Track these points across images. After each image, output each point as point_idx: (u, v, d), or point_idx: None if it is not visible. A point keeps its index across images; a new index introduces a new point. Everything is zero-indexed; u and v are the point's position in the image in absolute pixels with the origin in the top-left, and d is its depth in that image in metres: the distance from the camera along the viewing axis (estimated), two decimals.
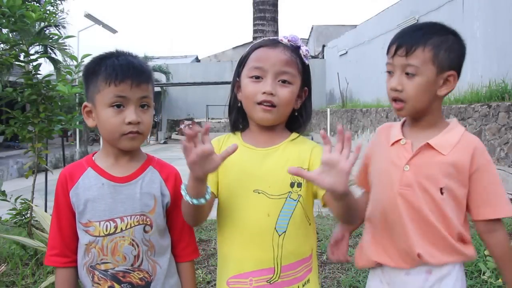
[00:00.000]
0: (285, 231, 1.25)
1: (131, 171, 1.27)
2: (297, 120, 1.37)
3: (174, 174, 1.33)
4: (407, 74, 1.25)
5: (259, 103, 1.25)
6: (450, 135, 1.30)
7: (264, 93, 1.24)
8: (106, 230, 1.21)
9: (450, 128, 1.31)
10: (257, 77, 1.26)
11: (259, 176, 1.25)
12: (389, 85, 1.30)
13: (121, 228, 1.22)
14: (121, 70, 1.18)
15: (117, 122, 1.19)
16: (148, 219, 1.24)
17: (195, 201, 1.13)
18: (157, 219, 1.26)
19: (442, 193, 1.27)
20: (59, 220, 1.26)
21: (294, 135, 1.35)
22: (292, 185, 1.25)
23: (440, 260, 1.28)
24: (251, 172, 1.26)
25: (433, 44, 1.24)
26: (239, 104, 1.35)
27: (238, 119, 1.37)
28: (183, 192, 1.14)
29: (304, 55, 1.31)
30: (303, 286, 1.28)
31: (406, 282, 1.31)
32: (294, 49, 1.30)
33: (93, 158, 1.30)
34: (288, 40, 1.30)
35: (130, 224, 1.22)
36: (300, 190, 1.26)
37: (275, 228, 1.24)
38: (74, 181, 1.25)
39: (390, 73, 1.31)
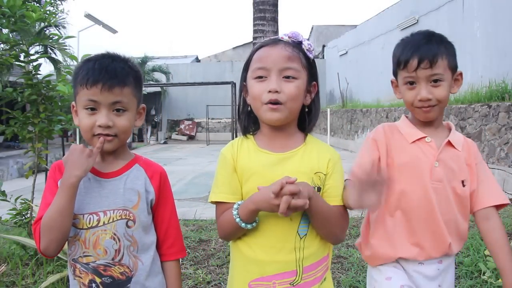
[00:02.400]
0: (306, 234, 1.26)
1: (117, 168, 1.30)
2: (308, 117, 1.36)
3: (160, 172, 1.35)
4: (434, 82, 1.37)
5: (266, 103, 1.25)
6: (457, 134, 1.47)
7: (269, 91, 1.23)
8: (89, 223, 1.24)
9: (454, 128, 1.49)
10: (261, 77, 1.26)
11: None
12: (416, 96, 1.38)
13: (104, 222, 1.25)
14: (93, 74, 1.20)
15: (89, 123, 1.23)
16: (131, 214, 1.27)
17: (248, 226, 1.22)
18: (140, 215, 1.28)
19: (464, 185, 1.42)
20: (46, 200, 1.27)
21: (309, 137, 1.35)
22: None
23: (457, 249, 1.44)
24: (272, 178, 1.23)
25: (445, 52, 1.38)
26: (249, 108, 1.35)
27: (249, 123, 1.37)
28: (236, 218, 1.21)
29: (307, 49, 1.30)
30: (321, 284, 1.29)
31: (419, 271, 1.42)
32: (296, 44, 1.29)
33: None
34: (288, 37, 1.30)
35: (113, 218, 1.25)
36: (319, 194, 1.28)
37: (297, 232, 1.25)
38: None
39: (411, 84, 1.39)
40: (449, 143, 1.42)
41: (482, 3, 9.54)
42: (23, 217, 3.06)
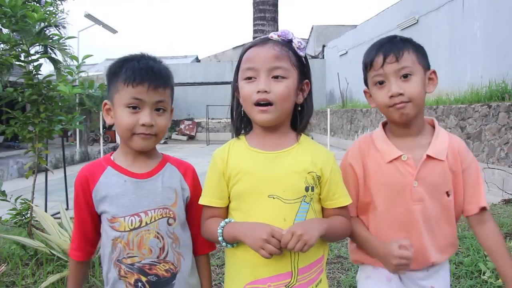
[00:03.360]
0: None
1: (151, 168, 1.32)
2: (300, 117, 1.34)
3: (192, 170, 1.39)
4: (404, 76, 1.29)
5: (256, 104, 1.24)
6: (440, 139, 1.36)
7: (258, 92, 1.23)
8: (131, 225, 1.26)
9: (437, 132, 1.37)
10: (250, 78, 1.26)
11: (273, 181, 1.24)
12: (387, 93, 1.30)
13: (146, 222, 1.26)
14: (140, 73, 1.22)
15: (131, 122, 1.23)
16: (171, 212, 1.30)
17: (229, 246, 1.27)
18: (179, 212, 1.32)
19: (448, 195, 1.35)
20: (80, 216, 1.31)
21: (303, 137, 1.34)
22: (307, 189, 1.25)
23: (444, 258, 1.40)
24: (264, 177, 1.25)
25: (412, 48, 1.33)
26: (242, 108, 1.34)
27: (241, 123, 1.37)
28: (220, 238, 1.25)
29: (297, 47, 1.29)
30: (316, 286, 1.28)
31: (408, 276, 1.38)
32: (286, 43, 1.28)
33: (111, 157, 1.34)
34: (278, 36, 1.28)
35: (154, 218, 1.27)
36: (313, 193, 1.27)
37: None
38: (96, 179, 1.28)
39: (381, 83, 1.33)
40: (429, 157, 1.32)
41: (482, 3, 9.54)
42: (23, 217, 3.05)
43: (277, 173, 1.25)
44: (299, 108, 1.33)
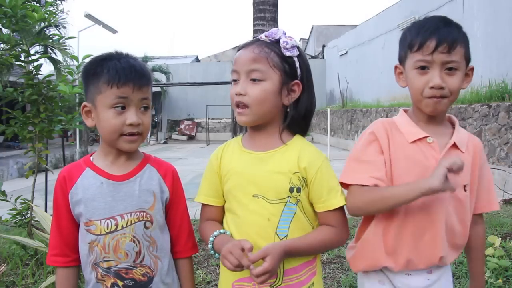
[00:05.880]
0: (286, 235, 1.24)
1: (129, 169, 1.29)
2: (296, 117, 1.31)
3: (172, 171, 1.36)
4: (449, 69, 1.23)
5: (236, 106, 1.27)
6: (462, 133, 1.32)
7: (236, 94, 1.26)
8: (107, 228, 1.23)
9: (458, 125, 1.33)
10: (235, 80, 1.28)
11: (257, 181, 1.25)
12: (428, 82, 1.23)
13: (122, 226, 1.24)
14: (124, 73, 1.20)
15: (118, 123, 1.21)
16: (148, 215, 1.27)
17: (217, 255, 1.25)
18: (156, 215, 1.29)
19: (465, 190, 1.28)
20: (58, 220, 1.28)
21: (296, 138, 1.31)
22: (291, 190, 1.24)
23: (451, 260, 1.31)
24: (250, 177, 1.27)
25: (463, 40, 1.25)
26: None
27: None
28: (209, 246, 1.27)
29: (283, 47, 1.25)
30: None
31: (407, 283, 1.31)
32: (273, 43, 1.26)
33: (91, 158, 1.31)
34: (265, 36, 1.28)
35: (130, 221, 1.25)
36: (299, 195, 1.25)
37: (275, 233, 1.24)
38: (73, 181, 1.26)
39: (423, 68, 1.24)
40: (454, 145, 1.27)
41: (482, 3, 9.54)
42: (23, 217, 3.05)
43: (261, 173, 1.26)
44: (295, 109, 1.29)
